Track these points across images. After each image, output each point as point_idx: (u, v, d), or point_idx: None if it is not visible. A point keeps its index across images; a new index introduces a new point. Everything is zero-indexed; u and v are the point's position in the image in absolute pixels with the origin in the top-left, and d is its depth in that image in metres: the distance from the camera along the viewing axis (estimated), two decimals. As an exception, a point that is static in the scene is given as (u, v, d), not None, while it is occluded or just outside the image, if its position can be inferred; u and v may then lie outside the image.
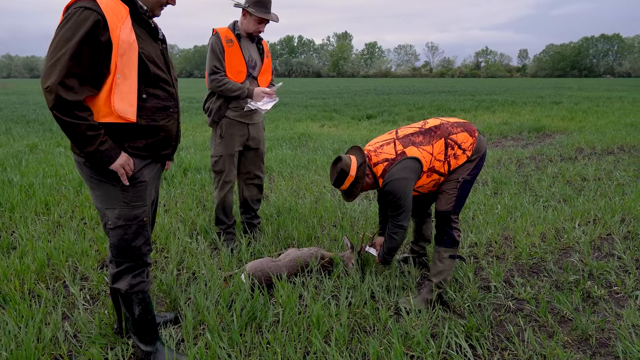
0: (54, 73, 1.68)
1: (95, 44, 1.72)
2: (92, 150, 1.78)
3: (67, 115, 1.71)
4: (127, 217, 1.94)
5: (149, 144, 1.94)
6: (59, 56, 1.68)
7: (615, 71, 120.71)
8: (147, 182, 1.98)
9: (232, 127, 3.31)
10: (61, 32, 1.71)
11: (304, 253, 3.03)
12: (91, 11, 1.71)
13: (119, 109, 1.80)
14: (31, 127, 10.62)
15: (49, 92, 1.68)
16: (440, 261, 2.68)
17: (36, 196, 4.52)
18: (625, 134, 9.28)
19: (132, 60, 1.80)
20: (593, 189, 5.20)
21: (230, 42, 3.19)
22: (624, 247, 3.51)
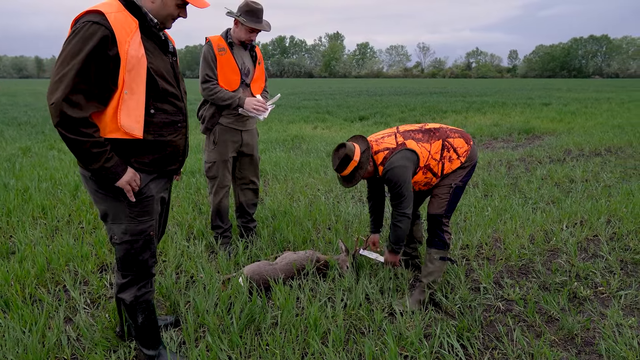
0: (60, 89, 1.66)
1: (102, 60, 1.70)
2: (98, 167, 1.77)
3: (72, 132, 1.69)
4: (133, 232, 1.94)
5: (156, 159, 1.94)
6: (65, 72, 1.67)
7: (604, 72, 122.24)
8: (153, 197, 1.97)
9: (225, 133, 3.36)
10: (68, 46, 1.69)
11: (300, 256, 3.11)
12: (99, 26, 1.69)
13: (126, 126, 1.79)
14: (23, 130, 10.57)
15: (54, 109, 1.67)
16: (431, 262, 2.80)
17: (32, 200, 4.54)
18: (612, 136, 9.46)
19: (140, 76, 1.78)
20: (580, 190, 5.33)
21: (222, 50, 3.24)
22: (609, 248, 3.63)
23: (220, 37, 3.30)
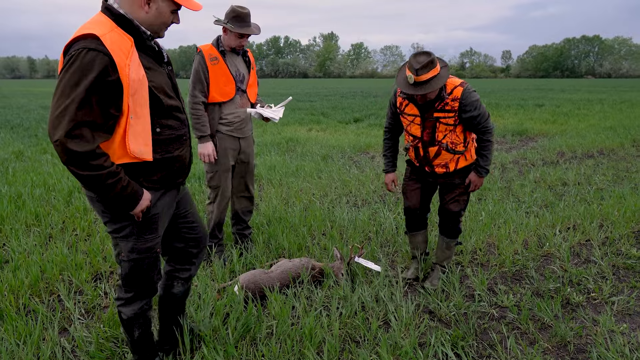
0: (62, 125, 1.57)
1: (104, 88, 1.62)
2: (114, 196, 1.72)
3: (83, 169, 1.62)
4: (140, 250, 1.92)
5: (164, 176, 1.92)
6: (66, 105, 1.58)
7: (596, 72, 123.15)
8: (159, 214, 1.95)
9: (225, 141, 3.35)
10: (65, 76, 1.59)
11: (295, 264, 3.12)
12: (96, 52, 1.60)
13: (135, 151, 1.74)
14: (16, 133, 10.50)
15: (59, 147, 1.58)
16: (448, 249, 3.18)
17: (26, 207, 4.52)
18: (604, 138, 9.55)
19: (143, 98, 1.73)
20: (573, 194, 5.38)
21: (215, 59, 3.21)
22: (602, 253, 3.67)
23: (212, 46, 3.27)
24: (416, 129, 2.91)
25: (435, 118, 2.82)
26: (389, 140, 3.17)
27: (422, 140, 2.91)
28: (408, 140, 3.02)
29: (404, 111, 2.95)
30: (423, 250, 3.31)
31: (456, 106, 2.77)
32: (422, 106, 2.83)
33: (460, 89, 2.76)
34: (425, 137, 2.90)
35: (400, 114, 2.97)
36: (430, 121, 2.84)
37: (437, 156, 2.94)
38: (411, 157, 3.09)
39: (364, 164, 7.28)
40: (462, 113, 2.78)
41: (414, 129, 2.92)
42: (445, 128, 2.84)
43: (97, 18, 1.75)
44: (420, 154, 2.98)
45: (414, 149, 3.00)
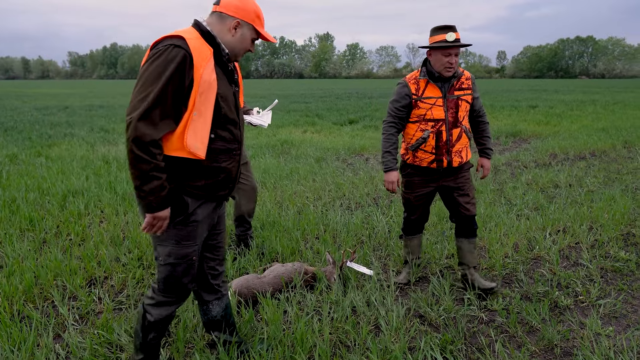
0: (140, 107, 1.74)
1: (180, 82, 1.79)
2: (147, 190, 1.79)
3: (142, 150, 1.75)
4: (177, 255, 1.97)
5: (208, 184, 1.97)
6: (148, 92, 1.75)
7: (590, 72, 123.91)
8: (199, 222, 2.00)
9: None
10: (151, 67, 1.78)
11: (288, 269, 3.15)
12: (180, 49, 1.79)
13: (191, 145, 1.85)
14: (10, 136, 10.47)
15: (131, 124, 1.74)
16: (475, 249, 3.20)
17: (20, 212, 4.53)
18: (596, 139, 9.64)
19: (209, 100, 1.86)
20: (564, 196, 5.44)
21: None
22: (590, 256, 3.73)
23: None
24: (439, 110, 2.91)
25: (457, 96, 2.93)
26: (393, 135, 3.06)
27: (447, 121, 2.92)
28: (425, 129, 2.95)
29: (422, 96, 2.92)
30: (417, 254, 3.35)
31: (470, 84, 2.98)
32: (443, 86, 2.91)
33: (467, 71, 3.02)
34: (450, 117, 2.92)
35: (418, 99, 2.93)
36: (452, 100, 2.92)
37: (458, 140, 2.97)
38: (428, 148, 2.95)
39: (358, 166, 7.32)
40: (473, 92, 3.00)
41: (437, 111, 2.91)
42: (465, 107, 2.97)
43: (186, 29, 1.95)
44: (443, 139, 2.93)
45: (436, 135, 2.93)
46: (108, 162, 7.26)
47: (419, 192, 3.11)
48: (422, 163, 3.01)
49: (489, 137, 3.18)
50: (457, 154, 2.99)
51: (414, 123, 2.99)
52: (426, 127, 2.95)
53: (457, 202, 3.08)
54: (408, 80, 2.98)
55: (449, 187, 3.08)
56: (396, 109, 2.99)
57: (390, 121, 3.03)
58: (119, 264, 3.51)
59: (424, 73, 2.94)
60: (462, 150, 3.01)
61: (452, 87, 2.93)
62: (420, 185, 3.10)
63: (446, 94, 2.92)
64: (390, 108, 3.02)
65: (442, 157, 2.97)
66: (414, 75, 3.00)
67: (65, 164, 7.11)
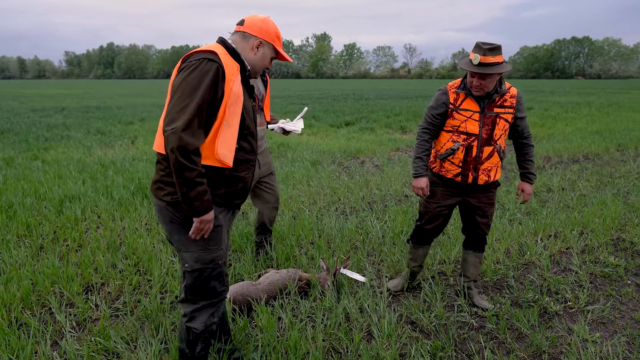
0: (181, 118, 1.82)
1: (214, 93, 1.89)
2: (193, 196, 1.88)
3: (186, 159, 1.83)
4: (204, 260, 2.05)
5: (228, 193, 2.07)
6: (186, 103, 1.84)
7: (586, 73, 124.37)
8: (222, 226, 2.09)
9: None
10: (187, 79, 1.87)
11: (282, 275, 3.20)
12: (214, 62, 1.89)
13: (221, 154, 1.95)
14: (6, 138, 10.46)
15: (174, 135, 1.81)
16: (480, 263, 3.19)
17: (17, 218, 4.56)
18: (590, 142, 9.73)
19: (237, 112, 1.97)
20: (556, 200, 5.51)
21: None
22: (580, 262, 3.79)
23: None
24: (473, 125, 2.81)
25: (496, 113, 2.79)
26: (427, 142, 2.97)
27: (480, 137, 2.81)
28: (457, 140, 2.86)
29: (459, 107, 2.83)
30: (421, 262, 3.30)
31: (514, 103, 2.82)
32: (482, 101, 2.79)
33: (515, 88, 2.85)
34: (484, 134, 2.81)
35: (455, 110, 2.84)
36: (490, 117, 2.80)
37: (488, 158, 2.86)
38: (455, 161, 2.88)
39: (353, 170, 7.37)
40: (517, 112, 2.84)
41: (471, 125, 2.81)
42: (503, 126, 2.82)
43: (213, 45, 2.05)
44: (472, 154, 2.83)
45: (465, 149, 2.84)
46: (104, 166, 7.29)
47: (440, 203, 3.02)
48: (448, 174, 2.93)
49: (532, 161, 3.01)
50: (485, 172, 2.87)
51: (447, 132, 2.91)
52: (458, 139, 2.86)
53: (475, 221, 3.04)
54: (449, 88, 2.89)
55: (470, 205, 3.00)
56: (432, 116, 2.92)
57: (424, 127, 2.96)
58: (115, 271, 3.55)
59: (463, 86, 2.85)
60: (491, 169, 2.88)
61: (493, 102, 2.79)
62: (442, 196, 3.01)
63: (484, 109, 2.80)
64: (426, 114, 2.95)
65: (468, 173, 2.87)
66: (456, 83, 2.90)
67: (61, 167, 7.13)
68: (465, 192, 2.98)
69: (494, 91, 2.77)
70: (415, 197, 5.70)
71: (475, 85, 2.73)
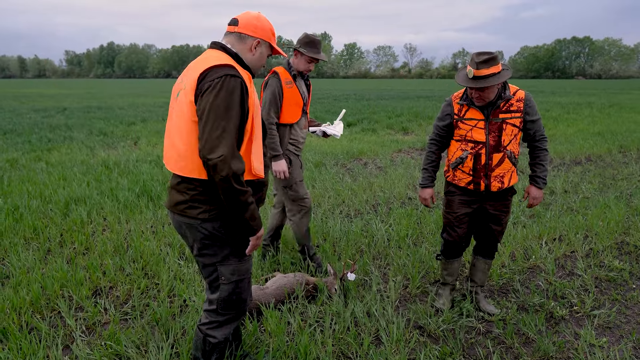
0: (223, 144, 1.76)
1: (243, 110, 1.85)
2: (249, 217, 1.87)
3: (238, 184, 1.80)
4: (240, 271, 2.05)
5: (257, 199, 2.05)
6: (223, 126, 1.77)
7: (587, 73, 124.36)
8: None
9: (293, 156, 3.52)
10: (217, 101, 1.78)
11: (290, 280, 3.22)
12: (236, 78, 1.83)
13: (256, 168, 1.93)
14: (9, 139, 10.48)
15: (222, 163, 1.74)
16: (488, 269, 3.21)
17: (23, 220, 4.58)
18: (592, 144, 9.74)
19: (259, 122, 1.97)
20: (560, 203, 5.53)
21: (289, 83, 3.38)
22: (585, 265, 3.81)
23: (285, 70, 3.43)
24: (479, 133, 2.80)
25: (501, 119, 2.78)
26: (434, 153, 3.04)
27: (487, 145, 2.80)
28: (465, 149, 2.88)
29: (463, 117, 2.85)
30: (456, 276, 3.25)
31: (521, 107, 2.79)
32: (486, 108, 2.78)
33: (523, 91, 2.83)
34: (492, 141, 2.80)
35: (459, 120, 2.86)
36: (495, 123, 2.78)
37: (499, 165, 2.83)
38: (465, 169, 2.88)
39: (357, 171, 7.39)
40: (526, 115, 2.81)
41: (477, 133, 2.81)
42: (511, 131, 2.79)
43: (217, 54, 1.96)
44: (482, 162, 2.82)
45: (474, 157, 2.84)
46: (109, 167, 7.31)
47: (459, 213, 3.01)
48: (460, 183, 2.95)
49: (543, 165, 2.96)
50: (497, 179, 2.86)
51: (456, 141, 2.93)
52: (466, 148, 2.87)
53: (489, 229, 3.04)
54: (453, 99, 2.92)
55: (487, 212, 2.99)
56: (439, 127, 2.98)
57: (432, 138, 3.04)
58: (123, 274, 3.57)
59: (465, 96, 2.87)
60: (503, 175, 2.86)
61: (498, 109, 2.78)
62: (460, 205, 3.00)
63: (489, 116, 2.79)
64: (434, 125, 3.02)
65: (480, 180, 2.87)
66: (460, 94, 2.92)
67: (65, 169, 7.15)
68: (481, 200, 2.98)
69: (497, 97, 2.77)
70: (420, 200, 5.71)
71: (475, 97, 2.76)
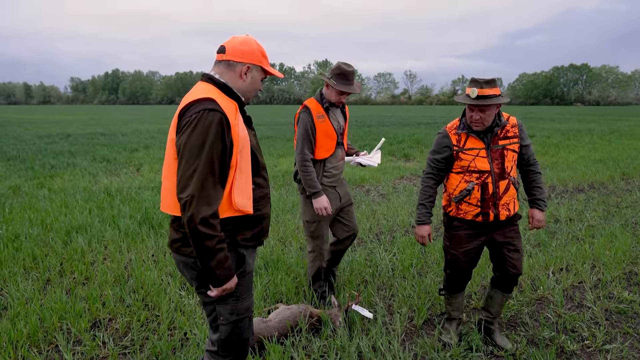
0: (192, 184, 1.70)
1: (223, 145, 1.77)
2: (214, 265, 1.77)
3: (206, 226, 1.71)
4: (239, 311, 1.97)
5: (256, 233, 1.99)
6: (196, 166, 1.71)
7: (585, 99, 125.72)
8: (252, 272, 2.02)
9: (327, 193, 3.40)
10: (191, 138, 1.73)
11: (293, 312, 3.15)
12: (215, 112, 1.76)
13: (239, 203, 1.84)
14: (12, 166, 10.52)
15: (189, 203, 1.70)
16: (505, 301, 3.08)
17: (23, 249, 4.53)
18: (595, 171, 9.73)
19: (247, 154, 1.87)
20: (565, 232, 5.47)
21: (321, 117, 3.30)
22: (594, 297, 3.73)
23: (316, 102, 3.34)
24: (483, 162, 2.75)
25: (502, 146, 2.77)
26: (431, 188, 2.91)
27: (493, 173, 2.76)
28: (470, 180, 2.79)
29: (463, 147, 2.79)
30: (462, 309, 3.18)
31: (517, 132, 2.81)
32: (486, 136, 2.77)
33: (514, 117, 2.84)
34: (496, 168, 2.76)
35: (460, 151, 2.79)
36: (497, 151, 2.76)
37: (505, 192, 2.79)
38: (473, 201, 2.79)
39: (359, 199, 7.36)
40: (521, 140, 2.83)
41: (480, 162, 2.76)
42: (512, 157, 2.79)
43: (202, 87, 1.92)
44: (489, 191, 2.76)
45: (481, 187, 2.76)
46: (111, 195, 7.29)
47: (467, 247, 2.90)
48: (467, 216, 2.83)
49: (541, 187, 2.95)
50: (505, 207, 2.80)
51: (457, 174, 2.83)
52: (471, 179, 2.78)
53: (505, 258, 2.90)
54: (449, 130, 2.85)
55: (497, 242, 2.90)
56: (436, 161, 2.85)
57: (428, 172, 2.90)
58: (123, 305, 3.50)
59: (462, 125, 2.81)
60: (509, 202, 2.82)
61: (496, 136, 2.77)
62: (467, 239, 2.89)
63: (489, 144, 2.76)
64: (429, 159, 2.89)
65: (489, 211, 2.78)
66: (455, 124, 2.86)
67: (68, 196, 7.14)
68: (489, 230, 2.89)
69: (494, 124, 2.76)
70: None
71: (475, 120, 2.70)
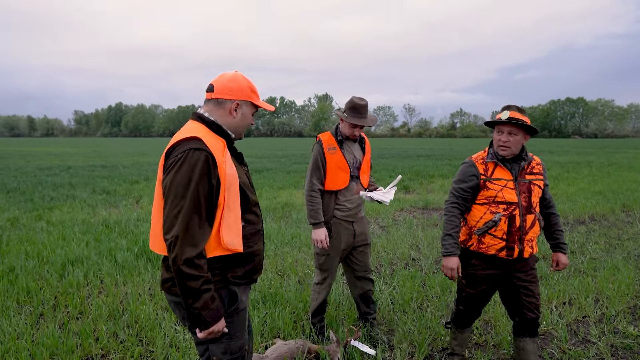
0: (177, 224, 1.69)
1: (209, 184, 1.75)
2: (200, 307, 1.73)
3: (190, 267, 1.69)
4: (233, 349, 1.92)
5: (247, 271, 1.96)
6: (181, 206, 1.70)
7: (583, 132, 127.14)
8: (245, 309, 1.98)
9: (340, 226, 3.36)
10: (177, 178, 1.73)
11: (291, 347, 3.07)
12: (201, 151, 1.75)
13: (228, 242, 1.81)
14: (12, 198, 10.52)
15: (174, 244, 1.69)
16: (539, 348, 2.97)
17: (18, 283, 4.47)
18: (595, 203, 9.71)
19: (235, 192, 1.84)
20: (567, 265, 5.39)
21: (332, 149, 3.31)
22: (599, 332, 3.65)
23: (331, 135, 3.37)
24: (510, 193, 2.68)
25: (529, 180, 2.72)
26: (457, 217, 2.77)
27: (520, 206, 2.67)
28: (496, 211, 2.69)
29: (491, 177, 2.73)
30: (466, 346, 3.13)
31: (541, 170, 2.80)
32: (513, 168, 2.73)
33: (537, 157, 2.84)
34: (524, 201, 2.68)
35: (487, 180, 2.72)
36: (524, 184, 2.71)
37: (532, 227, 2.71)
38: (498, 233, 2.68)
39: (359, 231, 7.31)
40: (544, 179, 2.81)
41: (508, 194, 2.68)
42: (538, 192, 2.74)
43: (191, 125, 1.91)
44: (516, 224, 2.65)
45: (508, 220, 2.66)
46: (109, 227, 7.26)
47: (483, 288, 2.82)
48: (489, 250, 2.71)
49: (562, 230, 2.92)
50: (529, 244, 2.70)
51: (482, 205, 2.73)
52: (497, 210, 2.68)
53: (523, 303, 2.78)
54: (475, 160, 2.81)
55: (515, 285, 2.79)
56: (462, 190, 2.76)
57: (454, 202, 2.78)
58: (117, 341, 3.42)
59: (491, 155, 2.78)
60: (533, 239, 2.73)
61: (523, 170, 2.74)
62: (485, 280, 2.80)
63: (517, 177, 2.72)
64: (454, 188, 2.80)
65: (514, 245, 2.67)
66: (480, 155, 2.84)
67: (66, 228, 7.10)
68: (509, 270, 2.78)
69: (522, 158, 2.75)
70: (423, 260, 5.60)
71: (504, 142, 2.67)
